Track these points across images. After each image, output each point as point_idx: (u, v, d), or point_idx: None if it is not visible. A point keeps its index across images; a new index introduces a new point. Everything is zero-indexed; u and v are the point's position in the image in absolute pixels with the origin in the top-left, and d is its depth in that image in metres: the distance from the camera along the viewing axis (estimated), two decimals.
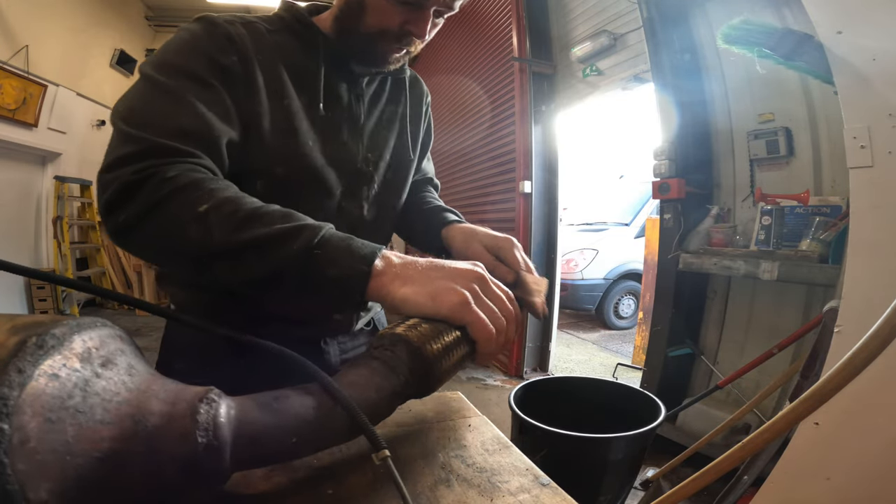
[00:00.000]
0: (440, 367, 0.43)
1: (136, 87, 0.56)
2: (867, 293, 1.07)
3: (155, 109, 0.53)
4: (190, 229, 0.46)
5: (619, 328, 5.18)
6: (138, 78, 0.57)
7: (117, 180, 0.48)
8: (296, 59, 0.66)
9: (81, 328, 0.28)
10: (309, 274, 0.45)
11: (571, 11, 3.23)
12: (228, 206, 0.47)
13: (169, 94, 0.54)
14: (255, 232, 0.45)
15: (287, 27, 0.68)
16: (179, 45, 0.59)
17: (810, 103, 1.93)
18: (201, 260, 0.47)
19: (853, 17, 1.17)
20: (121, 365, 0.29)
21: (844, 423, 1.03)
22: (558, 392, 1.63)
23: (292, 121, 0.64)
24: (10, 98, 4.31)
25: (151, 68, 0.56)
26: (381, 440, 0.36)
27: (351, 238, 0.47)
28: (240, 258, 0.46)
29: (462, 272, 0.47)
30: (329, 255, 0.45)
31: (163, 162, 0.49)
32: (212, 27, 0.60)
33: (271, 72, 0.63)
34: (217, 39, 0.59)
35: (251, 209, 0.47)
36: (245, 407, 0.33)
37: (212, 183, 0.49)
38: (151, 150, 0.49)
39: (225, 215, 0.46)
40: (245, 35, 0.62)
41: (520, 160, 3.40)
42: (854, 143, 1.13)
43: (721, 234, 2.10)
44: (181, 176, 0.48)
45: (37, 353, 0.24)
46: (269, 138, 0.61)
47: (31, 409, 0.23)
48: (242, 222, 0.46)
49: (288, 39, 0.67)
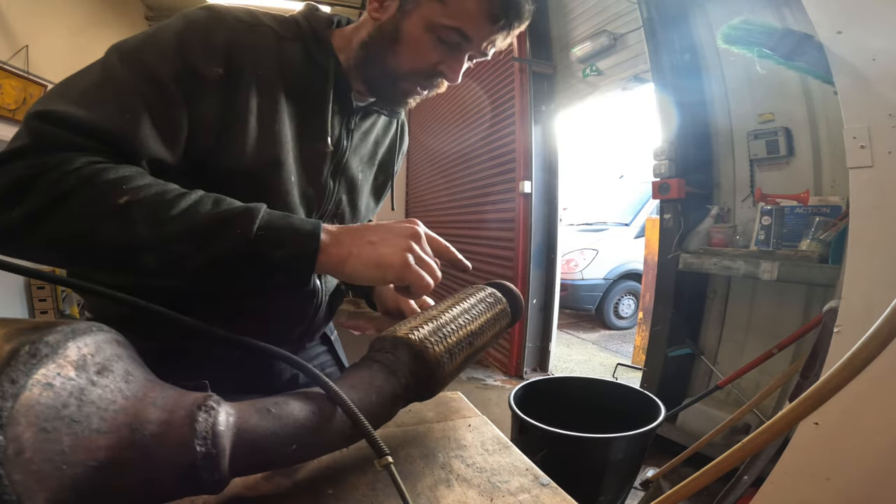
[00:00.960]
0: (443, 370, 0.43)
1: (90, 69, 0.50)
2: (867, 293, 1.07)
3: (87, 98, 0.47)
4: (105, 225, 0.41)
5: (619, 328, 5.18)
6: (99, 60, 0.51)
7: (6, 175, 0.41)
8: (300, 80, 0.61)
9: (76, 334, 0.27)
10: (253, 258, 0.43)
11: (571, 11, 3.23)
12: (151, 195, 0.42)
13: (114, 89, 0.48)
14: (187, 221, 0.42)
15: (300, 37, 0.62)
16: (162, 35, 0.53)
17: (810, 103, 1.93)
18: (119, 258, 0.43)
19: (853, 17, 1.17)
20: (117, 371, 0.29)
21: (844, 423, 1.03)
22: (558, 392, 1.63)
23: (279, 152, 0.58)
24: (10, 98, 4.31)
25: (116, 50, 0.51)
26: (384, 446, 0.36)
27: (287, 215, 0.46)
28: (172, 251, 0.42)
29: (399, 231, 0.48)
30: (273, 235, 0.43)
31: (65, 156, 0.43)
32: (211, 24, 0.55)
33: (268, 93, 0.58)
34: (208, 42, 0.54)
35: (176, 195, 0.44)
36: (244, 413, 0.33)
37: (122, 171, 0.44)
38: (54, 144, 0.43)
39: (150, 207, 0.42)
40: (247, 45, 0.56)
41: (520, 160, 3.40)
42: (854, 143, 1.13)
43: (721, 234, 2.10)
44: (86, 168, 0.42)
45: (30, 363, 0.24)
46: (248, 163, 0.56)
47: (25, 420, 0.22)
48: (170, 212, 0.42)
49: (297, 54, 0.61)
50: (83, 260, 0.46)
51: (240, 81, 0.55)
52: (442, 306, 0.52)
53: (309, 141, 0.62)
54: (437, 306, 0.52)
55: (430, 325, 0.45)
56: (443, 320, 0.48)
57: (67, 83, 0.49)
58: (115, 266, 0.45)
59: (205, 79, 0.52)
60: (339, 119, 0.66)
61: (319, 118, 0.63)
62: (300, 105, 0.61)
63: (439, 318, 0.48)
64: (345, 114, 0.67)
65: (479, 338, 0.51)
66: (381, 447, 0.35)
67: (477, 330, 0.51)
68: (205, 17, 0.55)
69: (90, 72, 0.50)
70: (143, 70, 0.50)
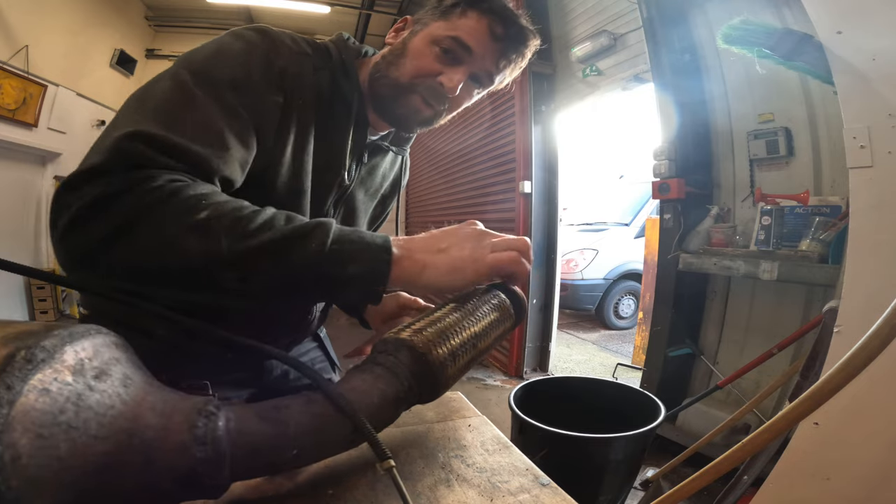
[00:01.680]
0: (446, 373, 0.43)
1: (162, 87, 0.49)
2: (867, 293, 1.07)
3: (169, 119, 0.46)
4: (188, 240, 0.40)
5: (619, 328, 5.18)
6: (168, 77, 0.50)
7: (87, 195, 0.40)
8: (325, 110, 0.62)
9: (74, 338, 0.27)
10: (328, 273, 0.43)
11: (571, 11, 3.23)
12: (232, 211, 0.42)
13: (192, 110, 0.48)
14: (267, 235, 0.42)
15: (330, 69, 0.63)
16: (230, 56, 0.53)
17: (810, 103, 1.93)
18: (201, 274, 0.42)
19: (853, 18, 1.17)
20: (115, 376, 0.28)
21: (844, 423, 1.03)
22: (558, 392, 1.63)
23: (304, 181, 0.60)
24: (10, 98, 4.31)
25: (186, 68, 0.50)
26: (386, 449, 0.35)
27: (357, 230, 0.46)
28: (253, 266, 0.42)
29: (463, 235, 0.48)
30: (347, 250, 0.43)
31: (146, 173, 0.42)
32: (270, 50, 0.55)
33: (303, 122, 0.59)
34: (270, 70, 0.54)
35: (252, 211, 0.44)
36: (245, 417, 0.32)
37: (202, 188, 0.44)
38: (136, 163, 0.42)
39: (230, 221, 0.41)
40: (295, 74, 0.57)
41: (520, 160, 3.40)
42: (854, 143, 1.13)
43: (721, 234, 2.10)
44: (168, 185, 0.42)
45: (25, 368, 0.23)
46: (280, 190, 0.57)
47: (21, 426, 0.22)
48: (250, 229, 0.41)
49: (328, 85, 0.62)
50: (162, 277, 0.43)
51: (288, 110, 0.56)
52: (445, 308, 0.51)
53: (324, 170, 0.63)
54: (441, 308, 0.52)
55: (433, 327, 0.45)
56: (446, 322, 0.47)
57: (142, 101, 0.49)
58: (193, 282, 0.43)
59: (266, 105, 0.54)
60: (353, 151, 0.67)
61: (338, 150, 0.64)
62: (322, 135, 0.62)
63: (442, 320, 0.47)
64: (358, 147, 0.68)
65: (483, 340, 0.51)
66: (383, 451, 0.35)
67: (480, 332, 0.50)
68: (263, 42, 0.56)
69: (165, 90, 0.49)
70: (217, 93, 0.50)
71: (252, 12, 6.27)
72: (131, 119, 0.46)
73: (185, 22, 6.40)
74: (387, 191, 0.82)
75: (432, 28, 0.63)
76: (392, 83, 0.63)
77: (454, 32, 0.61)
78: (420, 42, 0.63)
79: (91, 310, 0.63)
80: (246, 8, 6.05)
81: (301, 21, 6.00)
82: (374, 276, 0.44)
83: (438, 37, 0.61)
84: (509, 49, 0.64)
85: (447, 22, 0.62)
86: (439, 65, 0.62)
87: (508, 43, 0.63)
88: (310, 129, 0.60)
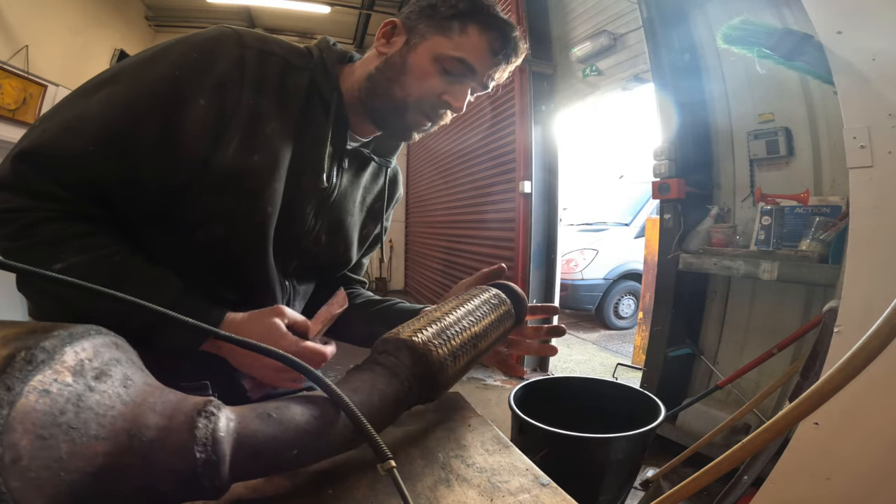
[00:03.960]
0: (447, 373, 0.43)
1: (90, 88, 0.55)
2: (867, 293, 1.07)
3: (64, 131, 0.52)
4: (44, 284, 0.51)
5: (619, 328, 5.18)
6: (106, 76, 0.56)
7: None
8: (303, 111, 0.62)
9: (74, 339, 0.27)
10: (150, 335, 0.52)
11: (571, 11, 3.23)
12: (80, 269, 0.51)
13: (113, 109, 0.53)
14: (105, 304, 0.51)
15: (308, 68, 0.63)
16: (168, 54, 0.55)
17: (810, 103, 1.93)
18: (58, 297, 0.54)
19: (853, 18, 1.17)
20: (116, 376, 0.28)
21: (844, 423, 1.03)
22: (558, 392, 1.63)
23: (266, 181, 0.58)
24: (10, 98, 4.31)
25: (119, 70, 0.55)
26: (387, 450, 0.35)
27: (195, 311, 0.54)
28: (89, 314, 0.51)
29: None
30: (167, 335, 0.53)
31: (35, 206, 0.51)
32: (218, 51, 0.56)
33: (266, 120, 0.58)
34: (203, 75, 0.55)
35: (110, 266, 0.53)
36: (245, 418, 0.32)
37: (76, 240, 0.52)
38: (28, 190, 0.51)
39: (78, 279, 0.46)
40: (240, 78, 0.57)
41: (520, 160, 3.40)
42: (854, 143, 1.13)
43: (721, 235, 2.10)
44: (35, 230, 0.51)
45: (25, 369, 0.23)
46: (220, 190, 0.57)
47: (21, 427, 0.22)
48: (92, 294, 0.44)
49: (304, 86, 0.62)
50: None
51: (223, 111, 0.56)
52: (446, 308, 0.51)
53: (299, 174, 0.62)
54: (441, 308, 0.52)
55: (434, 326, 0.45)
56: (446, 322, 0.47)
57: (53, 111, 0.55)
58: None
59: (188, 109, 0.55)
60: (333, 155, 0.66)
61: (317, 151, 0.63)
62: (297, 136, 0.62)
63: (443, 320, 0.47)
64: (338, 150, 0.67)
65: (484, 340, 0.51)
66: (384, 451, 0.35)
67: (481, 332, 0.50)
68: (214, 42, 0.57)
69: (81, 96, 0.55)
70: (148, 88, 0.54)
71: (252, 12, 6.27)
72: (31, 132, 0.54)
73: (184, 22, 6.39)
74: (372, 204, 0.79)
75: (433, 44, 0.62)
76: (396, 103, 0.64)
77: (459, 53, 0.62)
78: (422, 59, 0.63)
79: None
80: (246, 7, 6.04)
81: (301, 21, 6.01)
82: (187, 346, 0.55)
83: (442, 56, 0.62)
84: (505, 61, 0.67)
85: (449, 39, 0.62)
86: (444, 84, 0.64)
87: (505, 56, 0.66)
88: (279, 131, 0.59)
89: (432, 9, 0.64)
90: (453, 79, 0.63)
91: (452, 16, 0.62)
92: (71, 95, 0.56)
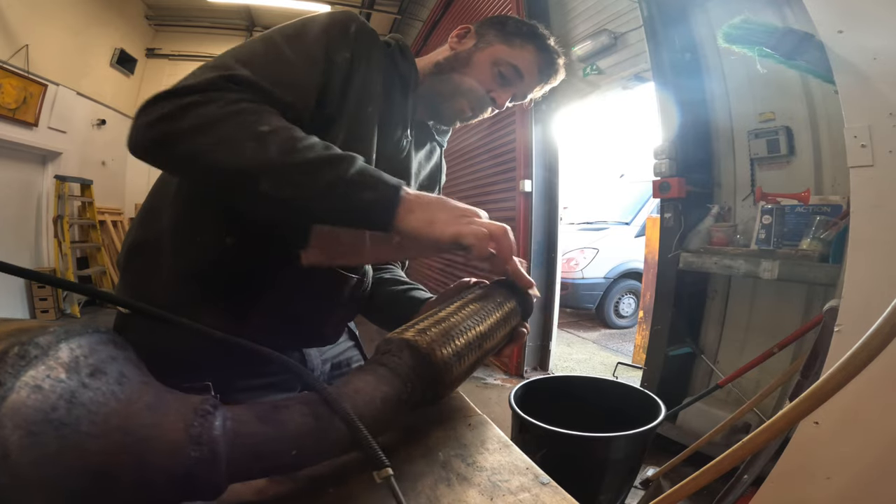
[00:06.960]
0: (451, 374, 0.42)
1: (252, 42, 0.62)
2: (867, 293, 1.07)
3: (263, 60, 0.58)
4: (247, 146, 0.50)
5: (619, 327, 5.18)
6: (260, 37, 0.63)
7: (185, 100, 0.51)
8: (390, 85, 0.71)
9: (69, 336, 0.27)
10: (347, 196, 0.51)
11: (572, 10, 3.22)
12: (286, 132, 0.53)
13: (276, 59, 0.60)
14: (306, 155, 0.51)
15: (391, 54, 0.73)
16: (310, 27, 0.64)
17: (811, 102, 1.92)
18: (248, 175, 0.51)
19: (854, 17, 1.17)
20: (111, 374, 0.28)
21: (844, 423, 1.03)
22: (559, 391, 1.64)
23: (367, 148, 0.66)
24: (10, 97, 4.31)
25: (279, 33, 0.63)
26: (383, 457, 0.34)
27: (380, 171, 0.54)
28: (289, 177, 0.51)
29: (453, 205, 0.55)
30: (367, 181, 0.52)
31: (229, 94, 0.53)
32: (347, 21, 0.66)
33: (368, 86, 0.66)
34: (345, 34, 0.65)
35: (303, 136, 0.53)
36: (243, 418, 0.32)
37: (269, 110, 0.55)
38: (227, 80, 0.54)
39: (283, 139, 0.51)
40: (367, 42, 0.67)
41: (520, 159, 3.39)
42: (854, 143, 1.13)
43: (721, 234, 2.09)
44: (242, 102, 0.53)
45: (18, 364, 0.23)
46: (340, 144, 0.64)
47: (11, 423, 0.22)
48: (297, 147, 0.51)
49: (390, 65, 0.72)
50: (218, 173, 0.53)
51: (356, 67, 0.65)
52: (450, 307, 0.50)
53: (384, 137, 0.70)
54: (446, 307, 0.51)
55: (438, 326, 0.44)
56: (451, 322, 0.46)
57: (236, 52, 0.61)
58: (240, 185, 0.52)
59: (335, 62, 0.63)
60: (404, 124, 0.75)
61: (398, 120, 0.73)
62: (385, 107, 0.70)
63: (447, 320, 0.46)
64: (408, 120, 0.76)
65: (489, 339, 0.50)
66: (379, 458, 0.34)
67: (486, 331, 0.49)
68: (343, 16, 0.67)
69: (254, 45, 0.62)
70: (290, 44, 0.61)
71: (252, 11, 6.27)
72: (222, 60, 0.59)
73: (185, 21, 6.39)
74: (424, 181, 0.88)
75: (497, 49, 0.76)
76: (452, 87, 0.76)
77: (515, 61, 0.76)
78: (484, 58, 0.76)
79: None
80: (246, 7, 6.04)
81: None
82: (385, 205, 0.51)
83: (501, 60, 0.76)
84: (546, 80, 0.81)
85: (510, 48, 0.76)
86: (494, 84, 0.77)
87: (547, 76, 0.80)
88: (372, 94, 0.67)
89: (503, 25, 0.78)
90: (503, 82, 0.77)
91: (517, 33, 0.77)
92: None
